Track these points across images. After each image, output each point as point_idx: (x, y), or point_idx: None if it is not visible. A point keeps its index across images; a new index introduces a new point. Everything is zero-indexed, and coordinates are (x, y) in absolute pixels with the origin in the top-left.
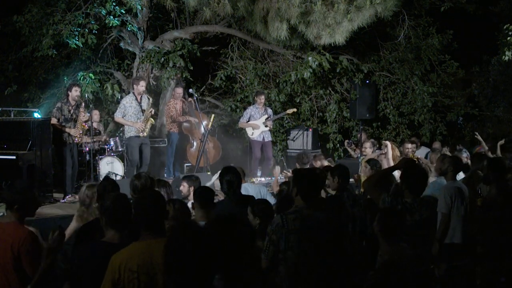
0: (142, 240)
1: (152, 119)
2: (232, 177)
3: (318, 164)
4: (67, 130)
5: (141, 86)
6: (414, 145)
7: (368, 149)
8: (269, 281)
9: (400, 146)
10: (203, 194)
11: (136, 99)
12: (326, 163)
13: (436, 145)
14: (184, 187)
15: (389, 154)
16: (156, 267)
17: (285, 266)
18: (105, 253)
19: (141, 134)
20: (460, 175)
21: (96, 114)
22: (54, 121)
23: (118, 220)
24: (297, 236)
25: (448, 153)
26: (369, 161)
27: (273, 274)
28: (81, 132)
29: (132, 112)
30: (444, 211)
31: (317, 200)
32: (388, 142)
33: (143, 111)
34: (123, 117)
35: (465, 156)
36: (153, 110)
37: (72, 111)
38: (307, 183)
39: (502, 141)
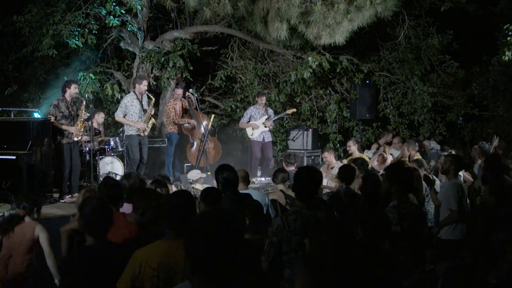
0: (165, 239)
1: (153, 119)
2: (229, 175)
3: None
4: (64, 127)
5: (144, 85)
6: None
7: (353, 146)
8: (273, 284)
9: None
10: (211, 193)
11: (138, 98)
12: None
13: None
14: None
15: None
16: (176, 267)
17: (291, 268)
18: (89, 257)
19: (142, 134)
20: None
21: (102, 117)
22: (51, 119)
23: (97, 228)
24: (299, 238)
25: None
26: (355, 161)
27: (277, 277)
28: (82, 130)
29: (133, 111)
30: (453, 208)
31: (316, 200)
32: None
33: (144, 110)
34: (124, 117)
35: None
36: (153, 110)
37: (70, 108)
38: (304, 183)
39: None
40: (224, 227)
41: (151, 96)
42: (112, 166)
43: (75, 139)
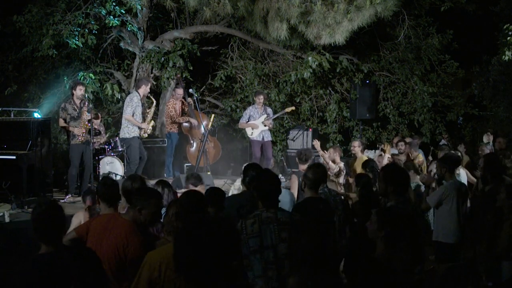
0: None
1: (153, 121)
2: (255, 174)
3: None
4: (70, 128)
5: (149, 88)
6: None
7: (357, 148)
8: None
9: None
10: (214, 193)
11: (140, 99)
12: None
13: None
14: None
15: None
16: None
17: (251, 271)
18: (42, 266)
19: (143, 135)
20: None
21: (98, 120)
22: (61, 122)
23: (48, 234)
24: (257, 240)
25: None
26: (365, 165)
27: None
28: (84, 131)
29: (138, 112)
30: (429, 203)
31: (314, 200)
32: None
33: (143, 112)
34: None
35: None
36: (152, 113)
37: (78, 110)
38: (265, 185)
39: None
40: (212, 233)
41: (153, 99)
42: (112, 166)
43: (79, 139)
